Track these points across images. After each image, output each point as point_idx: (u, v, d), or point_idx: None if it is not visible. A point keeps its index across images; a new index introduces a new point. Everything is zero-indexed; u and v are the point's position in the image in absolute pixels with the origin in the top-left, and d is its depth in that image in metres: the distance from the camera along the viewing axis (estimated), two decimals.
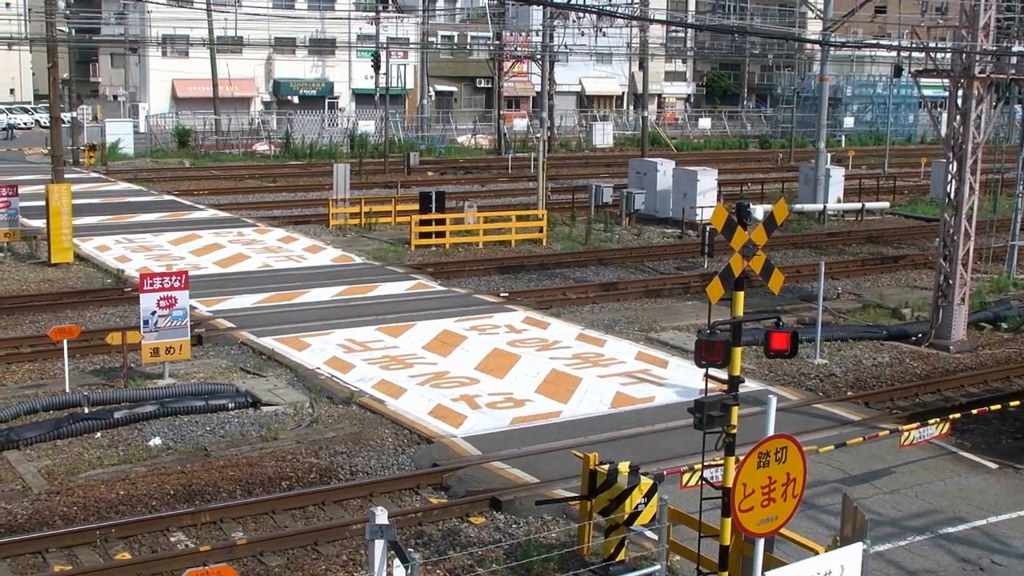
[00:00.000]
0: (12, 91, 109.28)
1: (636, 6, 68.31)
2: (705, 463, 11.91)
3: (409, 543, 14.02)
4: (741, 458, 10.23)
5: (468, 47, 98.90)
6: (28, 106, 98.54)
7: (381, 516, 10.01)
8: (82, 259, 33.23)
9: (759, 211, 35.32)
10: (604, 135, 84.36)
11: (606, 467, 13.02)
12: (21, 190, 35.52)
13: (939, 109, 43.47)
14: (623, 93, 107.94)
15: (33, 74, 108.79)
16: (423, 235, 36.54)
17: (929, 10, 44.82)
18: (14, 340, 23.84)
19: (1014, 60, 25.58)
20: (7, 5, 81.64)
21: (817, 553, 11.16)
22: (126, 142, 68.23)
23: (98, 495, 15.65)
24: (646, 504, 12.80)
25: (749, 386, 19.45)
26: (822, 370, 23.00)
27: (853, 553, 10.37)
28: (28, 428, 17.94)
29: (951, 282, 24.92)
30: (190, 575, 10.04)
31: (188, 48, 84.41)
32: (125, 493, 15.76)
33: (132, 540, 14.34)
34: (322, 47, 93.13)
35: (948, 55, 25.89)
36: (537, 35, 75.80)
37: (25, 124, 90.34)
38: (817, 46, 61.23)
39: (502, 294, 29.43)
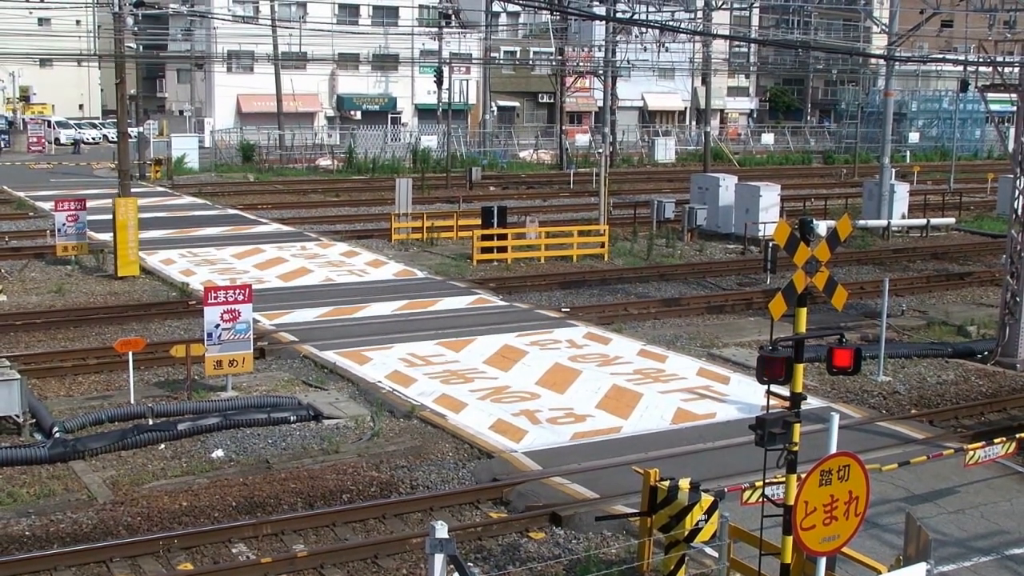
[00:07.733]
0: (81, 106, 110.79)
1: (699, 21, 68.18)
2: (767, 480, 11.83)
3: (469, 557, 14.04)
4: (803, 476, 10.16)
5: (531, 62, 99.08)
6: (96, 121, 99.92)
7: (441, 530, 10.03)
8: (148, 272, 33.60)
9: (822, 227, 35.00)
10: (666, 150, 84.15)
11: (667, 483, 12.97)
12: (89, 204, 36.01)
13: (1006, 124, 42.91)
14: (685, 108, 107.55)
15: (101, 90, 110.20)
16: (485, 250, 36.59)
17: (997, 24, 44.37)
18: (81, 352, 24.16)
19: None
20: (77, 23, 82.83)
21: (880, 573, 11.06)
22: (191, 157, 68.94)
23: (161, 506, 15.82)
24: (707, 521, 12.74)
25: (811, 403, 19.27)
26: (885, 387, 22.77)
27: (917, 573, 10.27)
28: (94, 439, 18.20)
29: (1018, 299, 24.59)
30: None
31: (253, 64, 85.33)
32: (188, 504, 15.92)
33: (194, 551, 14.48)
34: (385, 62, 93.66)
35: (1016, 69, 25.62)
36: (600, 50, 75.87)
37: (93, 139, 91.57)
38: (882, 61, 60.75)
39: (563, 309, 29.40)
